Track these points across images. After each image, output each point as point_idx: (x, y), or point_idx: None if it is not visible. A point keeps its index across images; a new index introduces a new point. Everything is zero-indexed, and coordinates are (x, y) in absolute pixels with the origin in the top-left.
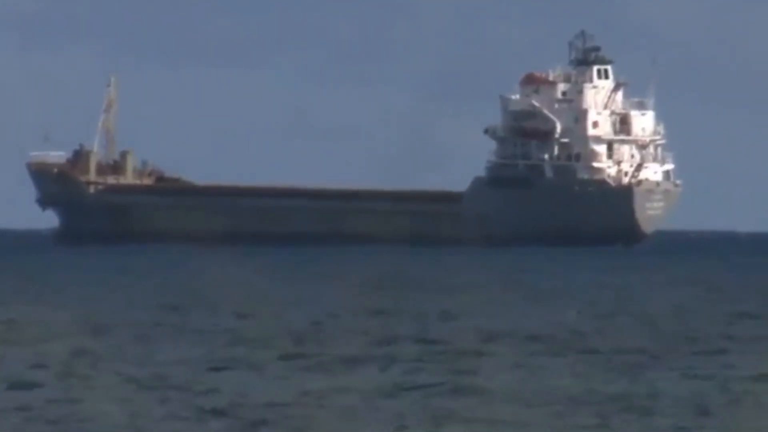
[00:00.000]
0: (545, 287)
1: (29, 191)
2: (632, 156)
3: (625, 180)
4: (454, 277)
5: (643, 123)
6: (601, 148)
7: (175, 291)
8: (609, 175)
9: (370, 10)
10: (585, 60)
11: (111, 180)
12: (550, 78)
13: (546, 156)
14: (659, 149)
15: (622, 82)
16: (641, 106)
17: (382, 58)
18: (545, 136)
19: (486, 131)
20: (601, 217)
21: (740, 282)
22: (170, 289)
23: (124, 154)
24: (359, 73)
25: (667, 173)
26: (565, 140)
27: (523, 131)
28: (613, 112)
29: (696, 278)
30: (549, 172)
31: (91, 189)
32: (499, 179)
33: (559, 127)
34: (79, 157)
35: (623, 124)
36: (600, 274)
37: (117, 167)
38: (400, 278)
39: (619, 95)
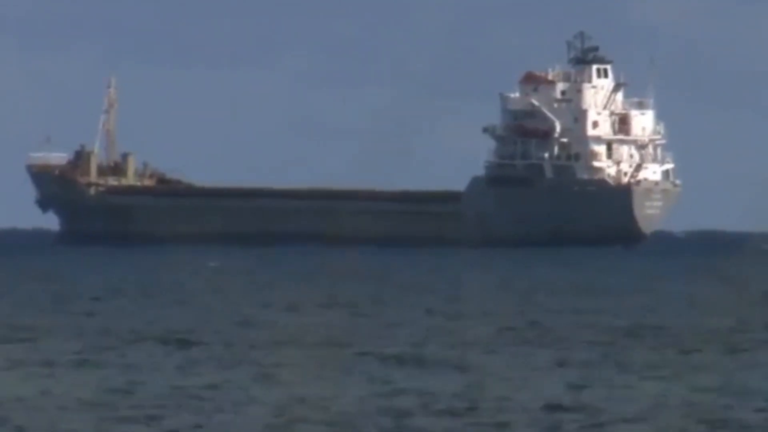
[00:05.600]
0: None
1: (29, 192)
2: (631, 156)
3: (625, 180)
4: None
5: (643, 123)
6: (601, 148)
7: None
8: (608, 175)
9: (370, 11)
10: (584, 59)
11: (112, 181)
12: (550, 77)
13: (546, 155)
14: (659, 149)
15: (621, 83)
16: (641, 106)
17: (382, 58)
18: (545, 135)
19: (485, 130)
20: (600, 216)
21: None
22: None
23: (125, 156)
24: (359, 74)
25: (666, 173)
26: (565, 140)
27: (523, 130)
28: (612, 112)
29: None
30: (549, 172)
31: (92, 190)
32: (498, 179)
33: (558, 127)
34: (80, 158)
35: (623, 123)
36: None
37: (118, 169)
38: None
39: (619, 95)
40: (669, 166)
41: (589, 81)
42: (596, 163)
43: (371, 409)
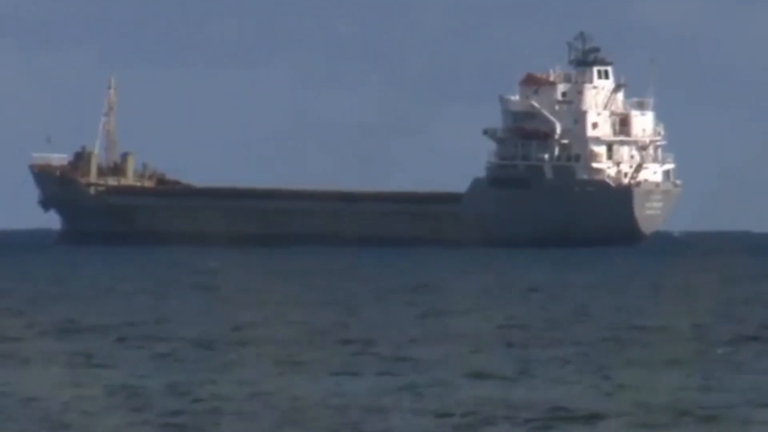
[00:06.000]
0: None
1: (31, 192)
2: (632, 157)
3: (625, 181)
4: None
5: (643, 123)
6: (601, 149)
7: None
8: (608, 176)
9: (369, 11)
10: (585, 60)
11: (112, 182)
12: (551, 78)
13: (546, 156)
14: (659, 150)
15: (622, 83)
16: (641, 107)
17: (381, 59)
18: (545, 137)
19: (485, 132)
20: (601, 217)
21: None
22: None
23: (125, 156)
24: (358, 74)
25: (666, 173)
26: (565, 141)
27: (523, 132)
28: (612, 113)
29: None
30: (549, 173)
31: (92, 191)
32: (498, 180)
33: (558, 128)
34: (81, 159)
35: (623, 124)
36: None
37: (118, 169)
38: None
39: (619, 96)
40: (669, 166)
41: (590, 82)
42: (596, 164)
43: (368, 407)
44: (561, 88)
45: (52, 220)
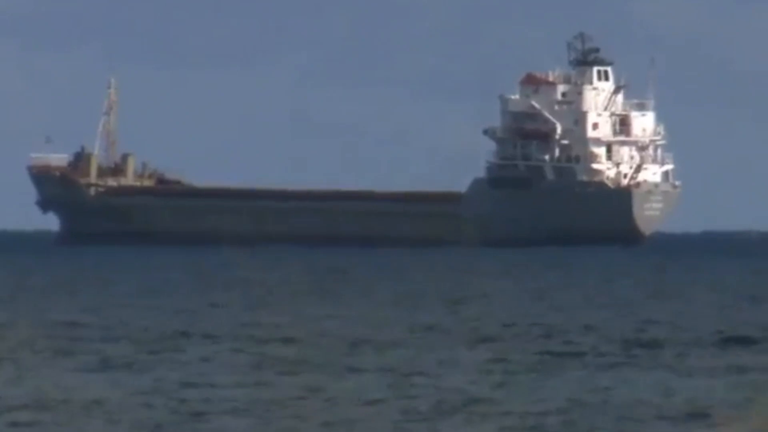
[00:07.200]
0: None
1: (30, 193)
2: (632, 157)
3: (624, 181)
4: None
5: (643, 124)
6: (601, 150)
7: None
8: (608, 177)
9: (370, 11)
10: (584, 61)
11: (112, 182)
12: (550, 79)
13: (546, 157)
14: (659, 150)
15: (621, 85)
16: (641, 107)
17: (382, 59)
18: (545, 137)
19: (485, 132)
20: (600, 218)
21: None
22: None
23: (124, 157)
24: (358, 74)
25: (666, 174)
26: (565, 142)
27: (523, 132)
28: (612, 114)
29: None
30: (549, 174)
31: (92, 191)
32: (498, 180)
33: (559, 129)
34: (80, 159)
35: (623, 125)
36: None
37: (118, 170)
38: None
39: (619, 96)
40: (669, 166)
41: (590, 83)
42: (596, 165)
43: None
44: (561, 88)
45: (51, 222)
